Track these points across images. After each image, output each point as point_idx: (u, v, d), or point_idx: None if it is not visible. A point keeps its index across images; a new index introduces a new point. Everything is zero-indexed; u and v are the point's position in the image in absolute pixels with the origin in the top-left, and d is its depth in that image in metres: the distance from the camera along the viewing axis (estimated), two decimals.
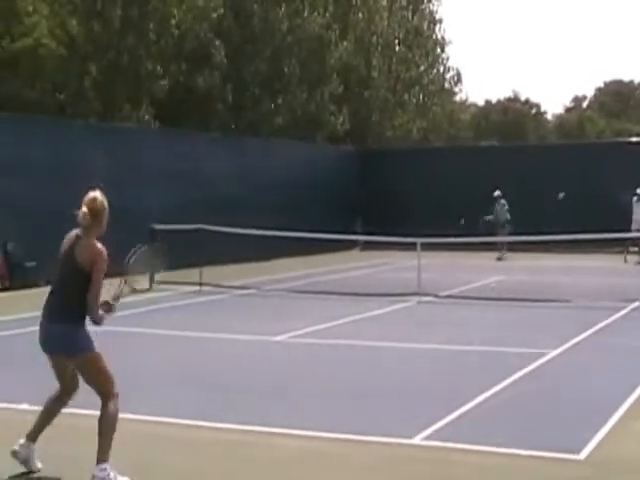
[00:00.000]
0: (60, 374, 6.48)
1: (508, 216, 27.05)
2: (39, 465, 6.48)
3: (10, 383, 9.71)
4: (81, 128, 23.08)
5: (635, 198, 25.75)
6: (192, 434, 7.65)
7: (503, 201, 27.32)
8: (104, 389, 6.34)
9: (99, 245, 6.30)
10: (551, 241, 21.58)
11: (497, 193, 27.53)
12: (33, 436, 6.49)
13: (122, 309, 6.75)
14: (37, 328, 6.41)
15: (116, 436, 6.26)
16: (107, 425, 6.27)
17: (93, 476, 6.14)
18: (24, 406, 8.19)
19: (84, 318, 6.27)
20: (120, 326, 11.79)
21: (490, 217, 27.03)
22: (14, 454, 6.43)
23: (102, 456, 6.20)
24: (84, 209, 6.31)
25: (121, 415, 6.32)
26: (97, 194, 6.41)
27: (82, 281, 6.21)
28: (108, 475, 6.12)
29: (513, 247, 26.43)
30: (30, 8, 25.41)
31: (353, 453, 7.16)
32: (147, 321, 14.29)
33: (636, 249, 25.80)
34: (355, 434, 7.51)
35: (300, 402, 8.89)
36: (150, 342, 12.42)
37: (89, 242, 6.29)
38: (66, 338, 6.27)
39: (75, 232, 6.41)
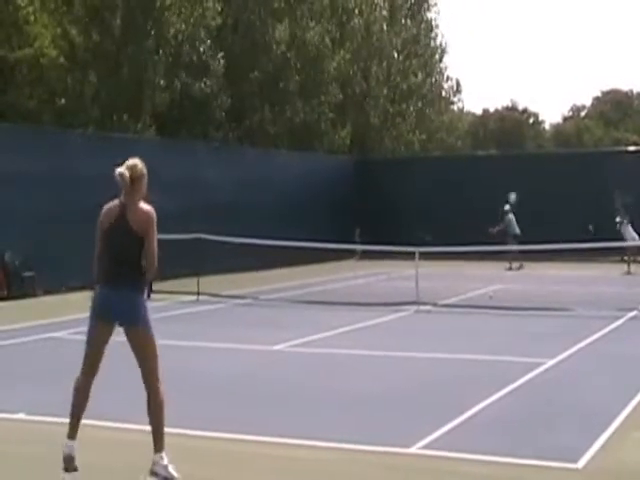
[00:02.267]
0: (101, 351, 6.50)
1: (517, 230, 26.77)
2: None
3: (7, 393, 9.69)
4: (80, 137, 23.09)
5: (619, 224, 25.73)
6: (190, 443, 7.63)
7: (511, 215, 27.02)
8: (154, 370, 6.46)
9: (148, 207, 6.41)
10: (551, 250, 21.59)
11: (507, 207, 27.24)
12: (72, 433, 6.42)
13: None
14: (35, 337, 6.40)
15: (111, 446, 6.26)
16: (157, 414, 6.40)
17: (154, 462, 6.31)
18: (20, 415, 8.18)
19: (147, 289, 6.39)
20: (117, 336, 11.74)
21: (497, 228, 26.67)
22: (65, 456, 6.30)
23: (158, 446, 6.36)
24: (124, 171, 6.35)
25: (123, 425, 6.31)
26: (137, 160, 6.52)
27: (140, 247, 6.33)
28: (166, 466, 6.32)
29: (510, 256, 26.43)
30: (32, 17, 25.47)
31: (351, 462, 7.15)
32: None
33: (630, 258, 25.84)
34: (353, 443, 7.50)
35: (298, 411, 8.88)
36: None
37: (137, 206, 6.37)
38: (134, 307, 6.37)
39: (116, 202, 6.42)
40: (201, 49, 29.59)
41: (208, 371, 11.13)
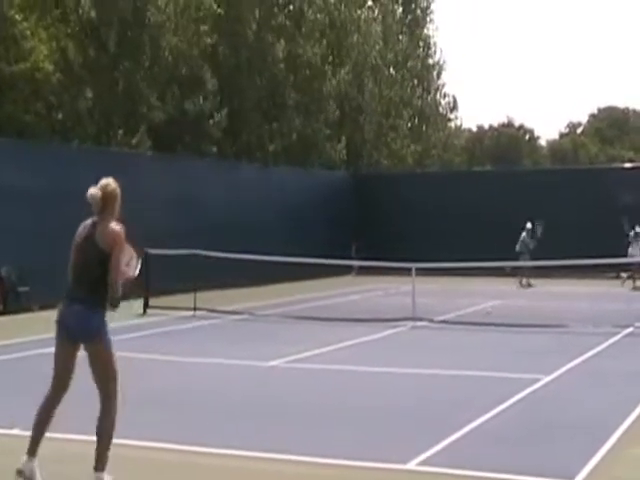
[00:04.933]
0: (67, 365, 6.52)
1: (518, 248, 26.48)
2: None
3: (2, 408, 9.66)
4: (76, 152, 23.13)
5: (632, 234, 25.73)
6: (186, 459, 7.62)
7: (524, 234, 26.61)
8: (109, 385, 6.43)
9: (117, 226, 6.46)
10: (548, 266, 21.62)
11: (528, 225, 26.80)
12: (33, 450, 6.47)
13: (115, 334, 6.75)
14: (29, 353, 6.40)
15: (114, 462, 6.25)
16: (106, 430, 6.36)
17: None
18: (16, 431, 8.15)
19: (105, 306, 6.39)
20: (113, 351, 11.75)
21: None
22: (19, 473, 6.41)
23: (100, 465, 6.28)
24: (97, 191, 6.43)
25: (118, 441, 6.29)
26: (110, 180, 6.58)
27: (106, 264, 6.33)
28: None
29: (510, 273, 26.40)
30: (28, 32, 25.53)
31: (348, 478, 7.13)
32: (141, 346, 14.22)
33: (627, 274, 25.89)
34: (350, 459, 7.48)
35: (294, 427, 8.86)
36: (143, 367, 12.36)
37: (106, 225, 6.42)
38: (88, 323, 6.39)
39: (91, 220, 6.54)
40: (196, 66, 29.68)
41: (204, 387, 11.11)
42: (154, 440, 8.08)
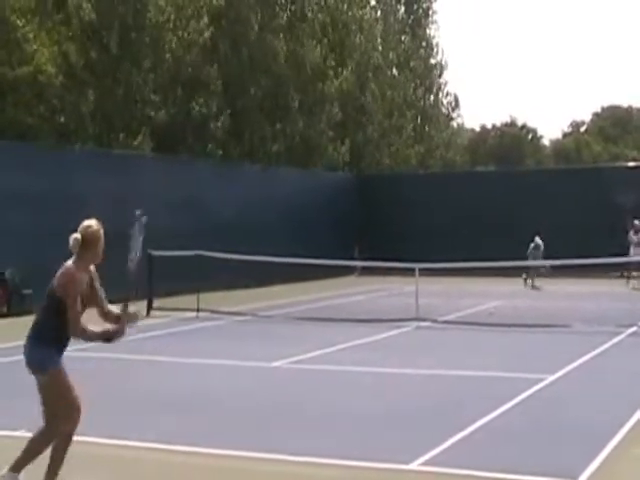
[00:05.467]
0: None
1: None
2: None
3: (8, 409, 9.70)
4: (79, 155, 23.13)
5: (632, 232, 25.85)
6: (189, 460, 7.63)
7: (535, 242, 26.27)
8: (47, 415, 6.33)
9: (72, 271, 6.19)
10: (552, 266, 21.61)
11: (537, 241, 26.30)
12: (17, 468, 6.44)
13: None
14: None
15: (117, 463, 6.26)
16: (32, 445, 6.35)
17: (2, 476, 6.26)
18: (21, 432, 8.17)
19: (56, 341, 6.30)
20: (117, 353, 11.79)
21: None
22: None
23: (16, 467, 6.31)
24: (76, 235, 6.27)
25: (120, 442, 6.28)
26: (93, 222, 6.34)
27: (56, 305, 6.19)
28: None
29: (514, 272, 26.30)
30: (31, 35, 25.58)
31: (351, 478, 7.13)
32: (144, 348, 14.22)
33: (632, 274, 25.88)
34: (352, 459, 7.48)
35: (297, 428, 8.87)
36: (147, 369, 12.38)
37: (66, 267, 6.22)
38: (33, 357, 6.45)
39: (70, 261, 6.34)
40: (198, 66, 29.70)
41: (207, 388, 11.12)
42: (157, 441, 8.09)
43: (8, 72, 24.80)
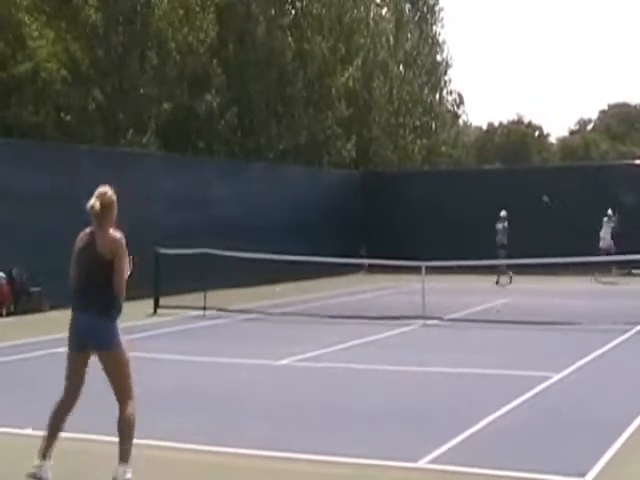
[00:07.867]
0: (79, 372, 6.62)
1: (505, 241, 26.36)
2: None
3: (15, 407, 9.71)
4: (85, 153, 23.14)
5: (605, 218, 26.80)
6: (197, 458, 7.63)
7: (506, 224, 26.78)
8: (127, 389, 6.57)
9: (116, 234, 6.57)
10: (555, 264, 21.56)
11: (503, 213, 27.01)
12: (45, 453, 6.52)
13: (125, 334, 6.76)
14: (42, 353, 6.42)
15: (130, 461, 6.29)
16: (125, 428, 6.49)
17: (116, 473, 6.37)
18: (28, 431, 8.18)
19: (119, 312, 6.52)
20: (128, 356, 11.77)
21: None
22: (32, 476, 6.45)
23: (123, 457, 6.43)
24: (96, 201, 6.54)
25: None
26: (107, 188, 6.68)
27: (110, 272, 6.46)
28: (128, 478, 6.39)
29: (516, 270, 26.25)
30: (36, 33, 25.61)
31: (358, 477, 7.12)
32: (151, 346, 14.24)
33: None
34: (359, 457, 7.47)
35: (305, 425, 8.86)
36: (153, 367, 12.39)
37: (106, 233, 6.54)
38: (103, 332, 6.50)
39: (88, 230, 6.66)
40: (204, 62, 29.70)
41: (214, 386, 11.12)
42: (166, 440, 8.08)
43: (14, 69, 24.84)
